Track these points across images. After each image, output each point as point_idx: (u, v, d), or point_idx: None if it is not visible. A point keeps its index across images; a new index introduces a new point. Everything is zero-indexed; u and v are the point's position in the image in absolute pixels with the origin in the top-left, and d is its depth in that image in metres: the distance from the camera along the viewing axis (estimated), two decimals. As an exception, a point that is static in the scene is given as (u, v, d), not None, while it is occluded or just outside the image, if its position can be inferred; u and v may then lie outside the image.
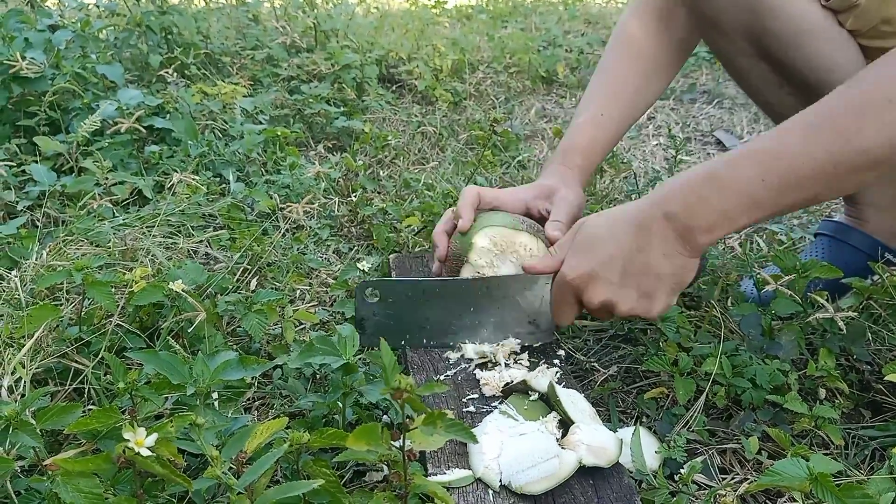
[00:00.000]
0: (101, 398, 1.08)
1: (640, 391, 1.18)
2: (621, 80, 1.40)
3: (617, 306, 1.02)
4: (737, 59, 1.34)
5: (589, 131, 1.36)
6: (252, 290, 1.39)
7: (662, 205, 0.97)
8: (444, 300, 1.15)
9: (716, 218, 0.94)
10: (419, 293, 1.15)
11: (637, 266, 0.99)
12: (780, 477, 0.78)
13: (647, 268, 0.99)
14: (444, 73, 3.00)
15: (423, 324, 1.16)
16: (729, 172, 0.93)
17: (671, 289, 1.01)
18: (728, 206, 0.93)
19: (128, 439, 0.70)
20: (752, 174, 0.91)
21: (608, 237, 1.01)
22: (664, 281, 1.00)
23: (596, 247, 1.02)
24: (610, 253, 1.00)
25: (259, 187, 1.85)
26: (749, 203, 0.92)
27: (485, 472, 0.87)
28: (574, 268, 1.03)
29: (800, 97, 1.31)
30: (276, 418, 0.81)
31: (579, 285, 1.03)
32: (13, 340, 1.12)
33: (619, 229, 1.00)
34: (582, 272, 1.02)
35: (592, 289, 1.02)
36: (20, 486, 0.84)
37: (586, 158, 1.35)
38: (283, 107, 2.57)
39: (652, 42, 1.39)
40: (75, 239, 1.47)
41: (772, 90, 1.35)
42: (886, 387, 1.12)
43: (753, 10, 1.24)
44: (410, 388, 0.71)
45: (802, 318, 1.18)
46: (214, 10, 3.55)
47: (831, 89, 1.24)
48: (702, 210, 0.94)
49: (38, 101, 2.06)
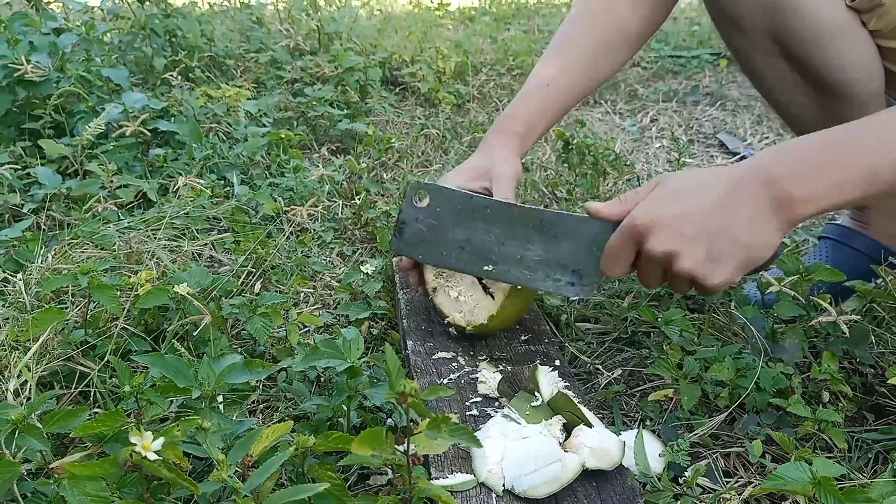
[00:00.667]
0: (107, 401, 1.08)
1: (644, 394, 1.18)
2: (574, 51, 1.35)
3: (679, 259, 0.92)
4: (754, 56, 1.32)
5: (534, 100, 1.32)
6: (256, 294, 1.39)
7: (766, 168, 0.90)
8: (492, 223, 1.09)
9: (825, 188, 0.87)
10: (469, 209, 1.10)
11: (716, 224, 0.90)
12: (784, 481, 0.78)
13: (725, 229, 0.90)
14: (447, 75, 3.01)
15: (464, 244, 1.11)
16: (853, 142, 0.88)
17: (742, 262, 0.92)
18: (844, 177, 0.87)
19: (135, 443, 0.71)
20: (878, 147, 0.86)
21: (694, 190, 0.93)
22: (738, 249, 0.91)
23: (679, 197, 0.94)
24: (693, 205, 0.92)
25: (263, 190, 1.86)
26: (868, 175, 0.86)
27: (488, 476, 0.87)
28: (647, 212, 0.94)
29: (814, 98, 1.30)
30: (280, 421, 0.82)
31: (646, 231, 0.94)
32: (19, 344, 1.13)
33: (709, 184, 0.93)
34: (654, 217, 0.93)
35: (659, 236, 0.93)
36: (27, 490, 0.84)
37: (528, 128, 1.30)
38: (287, 109, 2.58)
39: (612, 16, 1.34)
40: (80, 242, 1.48)
41: (787, 90, 1.33)
42: (890, 390, 1.12)
43: (777, 8, 1.22)
44: (415, 392, 0.72)
45: (806, 321, 1.18)
46: (218, 13, 3.56)
47: (847, 90, 1.24)
48: (813, 179, 0.88)
49: (43, 104, 2.06)
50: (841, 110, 1.28)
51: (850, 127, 0.91)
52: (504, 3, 4.75)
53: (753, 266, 0.94)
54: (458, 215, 1.11)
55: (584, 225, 1.04)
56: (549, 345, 1.22)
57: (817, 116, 1.33)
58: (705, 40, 3.90)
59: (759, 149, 2.58)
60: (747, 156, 2.45)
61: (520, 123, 1.30)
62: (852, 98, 1.26)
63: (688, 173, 0.97)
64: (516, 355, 1.18)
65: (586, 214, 1.03)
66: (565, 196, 2.02)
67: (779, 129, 2.79)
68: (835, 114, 1.29)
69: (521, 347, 1.21)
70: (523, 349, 1.20)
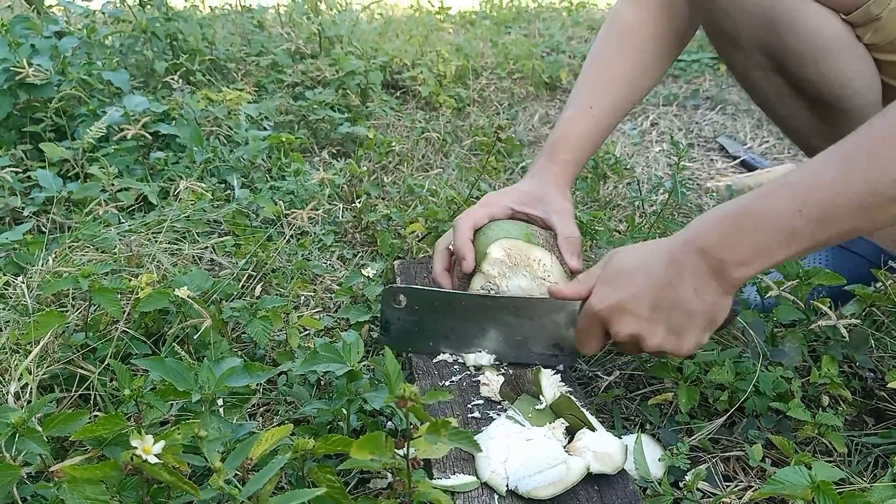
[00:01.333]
0: (107, 404, 1.09)
1: (644, 398, 1.18)
2: (613, 71, 1.35)
3: (645, 341, 0.99)
4: (752, 72, 1.32)
5: (578, 125, 1.32)
6: (257, 297, 1.39)
7: (696, 240, 0.95)
8: (470, 313, 1.15)
9: (751, 252, 0.92)
10: (445, 304, 1.15)
11: (667, 301, 0.97)
12: (783, 485, 0.78)
13: (677, 303, 0.96)
14: (447, 79, 3.01)
15: (448, 333, 1.17)
16: (765, 204, 0.91)
17: (702, 327, 0.98)
18: (765, 240, 0.91)
19: (135, 446, 0.71)
20: (789, 206, 0.89)
21: (639, 270, 0.99)
22: (695, 318, 0.97)
23: (626, 279, 1.00)
24: (640, 285, 0.98)
25: (264, 193, 1.86)
26: (786, 236, 0.90)
27: (491, 476, 0.87)
28: (602, 299, 1.01)
29: (814, 111, 1.31)
30: (280, 425, 0.82)
31: (607, 317, 1.01)
32: (20, 347, 1.13)
33: (650, 262, 0.98)
34: (610, 304, 1.00)
35: (620, 321, 1.00)
36: (27, 493, 0.84)
37: (574, 153, 1.32)
38: (288, 113, 2.58)
39: (648, 31, 1.35)
40: (81, 245, 1.48)
41: (786, 103, 1.34)
42: (890, 394, 1.12)
43: (772, 26, 1.23)
44: (414, 396, 0.72)
45: (805, 325, 1.18)
46: (220, 16, 3.56)
47: (845, 104, 1.24)
48: (737, 243, 0.92)
49: (45, 107, 2.07)
50: (839, 123, 1.29)
51: (766, 189, 0.94)
52: (504, 7, 4.75)
53: (715, 327, 1.00)
54: (438, 310, 1.16)
55: (554, 305, 1.12)
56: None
57: (817, 129, 1.34)
58: (705, 45, 3.90)
59: (759, 153, 2.59)
60: (748, 160, 2.45)
61: (568, 150, 1.32)
62: (850, 112, 1.27)
63: (631, 250, 1.03)
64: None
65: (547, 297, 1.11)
66: (565, 200, 2.02)
67: (778, 133, 2.79)
68: (833, 125, 1.29)
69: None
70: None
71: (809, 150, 1.42)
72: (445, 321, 1.16)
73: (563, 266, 1.18)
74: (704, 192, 2.18)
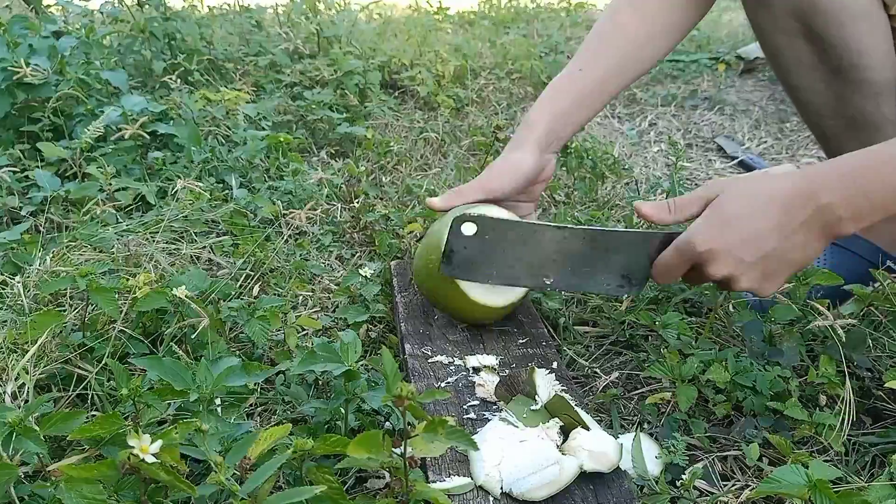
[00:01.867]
0: (105, 404, 1.09)
1: (642, 397, 1.19)
2: (610, 37, 1.34)
3: (737, 282, 1.01)
4: (776, 36, 1.32)
5: (562, 86, 1.32)
6: (255, 297, 1.39)
7: (818, 195, 0.96)
8: (540, 244, 1.12)
9: (871, 210, 0.94)
10: (517, 234, 1.12)
11: (771, 248, 0.98)
12: (780, 484, 0.78)
13: (780, 252, 0.98)
14: (446, 79, 3.01)
15: (514, 263, 1.13)
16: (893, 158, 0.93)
17: (792, 272, 1.02)
18: (889, 201, 0.93)
19: (132, 446, 0.71)
20: None
21: (752, 217, 0.98)
22: (792, 267, 1.01)
23: (737, 223, 0.99)
24: (751, 233, 0.98)
25: (262, 193, 1.86)
26: None
27: (486, 479, 0.87)
28: (708, 240, 1.00)
29: (829, 83, 1.31)
30: (278, 424, 0.82)
31: (708, 258, 1.00)
32: (17, 346, 1.13)
33: (765, 211, 0.98)
34: (716, 246, 0.99)
35: (719, 263, 1.00)
36: (24, 493, 0.84)
37: (552, 112, 1.29)
38: (286, 113, 2.58)
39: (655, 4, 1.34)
40: (79, 245, 1.48)
41: (802, 72, 1.34)
42: (887, 394, 1.12)
43: None
44: (411, 395, 0.72)
45: (803, 324, 1.18)
46: (218, 16, 3.56)
47: (861, 74, 1.26)
48: (859, 203, 0.94)
49: (42, 106, 2.06)
50: (852, 98, 1.30)
51: (889, 146, 0.96)
52: (503, 7, 4.75)
53: (800, 272, 1.06)
54: (506, 240, 1.13)
55: (629, 235, 1.10)
56: (547, 348, 1.22)
57: (829, 104, 1.34)
58: (704, 45, 3.91)
59: (757, 153, 2.59)
60: (745, 160, 2.45)
61: (543, 112, 1.29)
62: (865, 85, 1.28)
63: (741, 193, 1.01)
64: (514, 358, 1.18)
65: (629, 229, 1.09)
66: (564, 199, 2.02)
67: (776, 133, 2.80)
68: (846, 102, 1.31)
69: (518, 350, 1.21)
70: (521, 352, 1.20)
71: (816, 128, 1.43)
72: (513, 251, 1.12)
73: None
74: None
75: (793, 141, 2.71)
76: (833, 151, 1.39)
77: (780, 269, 1.01)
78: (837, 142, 1.37)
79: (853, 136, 1.33)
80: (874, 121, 1.30)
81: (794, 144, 2.68)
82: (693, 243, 1.01)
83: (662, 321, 1.20)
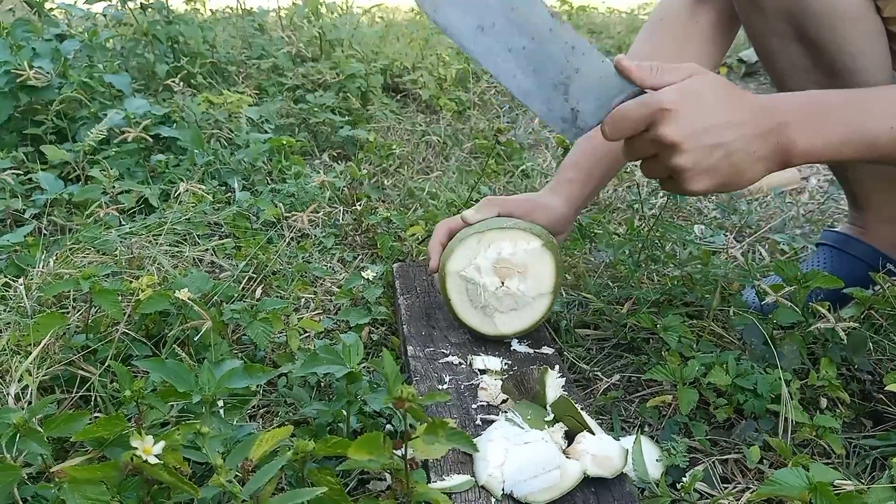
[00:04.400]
0: (108, 406, 1.09)
1: (643, 400, 1.19)
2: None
3: (678, 154, 0.97)
4: (770, 39, 1.32)
5: (588, 144, 1.34)
6: (257, 299, 1.40)
7: (779, 112, 0.97)
8: (524, 22, 1.02)
9: (823, 144, 0.95)
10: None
11: (727, 143, 0.96)
12: (780, 486, 0.79)
13: (732, 152, 0.96)
14: (448, 82, 3.02)
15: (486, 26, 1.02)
16: (862, 108, 0.95)
17: (724, 183, 0.99)
18: (842, 139, 0.94)
19: (135, 447, 0.71)
20: (881, 118, 0.93)
21: (724, 101, 0.97)
22: (729, 173, 0.98)
23: (707, 101, 0.97)
24: (717, 116, 0.96)
25: (264, 196, 1.87)
26: (868, 145, 0.93)
27: (488, 479, 0.88)
28: (676, 101, 0.96)
29: (824, 86, 1.31)
30: (281, 426, 0.82)
31: (669, 117, 0.96)
32: (20, 348, 1.13)
33: (737, 105, 0.98)
34: (681, 109, 0.96)
35: (674, 127, 0.96)
36: (27, 494, 0.85)
37: (581, 172, 1.34)
38: (289, 116, 2.59)
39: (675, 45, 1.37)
40: (82, 247, 1.49)
41: (798, 76, 1.33)
42: (888, 396, 1.12)
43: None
44: (412, 397, 0.72)
45: (804, 327, 1.18)
46: (221, 19, 3.57)
47: (856, 78, 1.26)
48: (818, 134, 0.95)
49: (46, 109, 2.07)
50: None
51: (862, 93, 0.98)
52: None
53: (725, 191, 1.01)
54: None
55: (605, 74, 1.02)
56: (548, 350, 1.22)
57: None
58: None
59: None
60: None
61: (574, 169, 1.34)
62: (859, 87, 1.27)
63: (723, 83, 1.00)
64: (516, 361, 1.18)
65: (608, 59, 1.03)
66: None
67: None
68: None
69: (520, 353, 1.21)
70: (522, 355, 1.21)
71: None
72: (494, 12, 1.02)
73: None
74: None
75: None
76: None
77: (721, 171, 0.97)
78: None
79: None
80: None
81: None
82: (661, 98, 0.97)
83: (663, 324, 1.20)
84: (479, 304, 1.21)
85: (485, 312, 1.21)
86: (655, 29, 1.41)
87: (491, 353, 1.20)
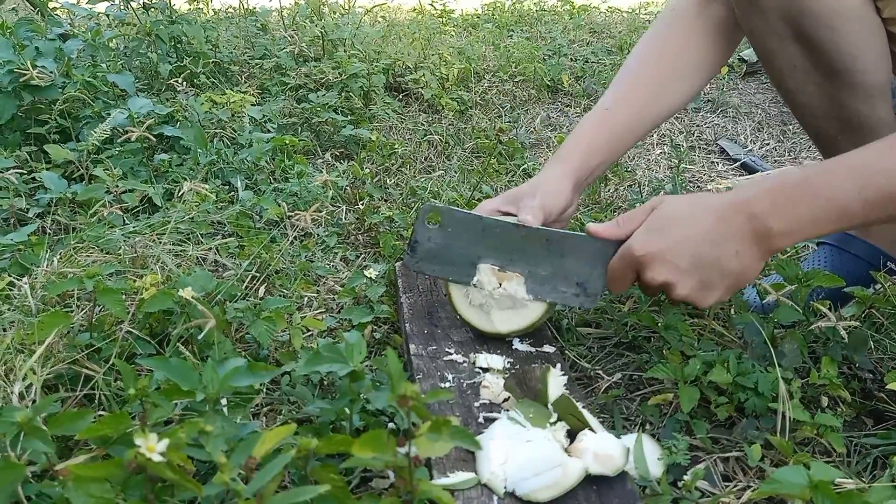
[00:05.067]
0: (112, 404, 1.09)
1: (644, 398, 1.19)
2: (641, 76, 1.37)
3: (675, 289, 1.04)
4: (769, 39, 1.32)
5: (590, 126, 1.34)
6: (260, 298, 1.40)
7: (748, 204, 0.99)
8: (500, 242, 1.17)
9: (800, 223, 0.97)
10: (479, 229, 1.17)
11: (708, 258, 1.01)
12: (781, 484, 0.79)
13: (715, 261, 1.01)
14: (450, 81, 3.02)
15: (475, 260, 1.18)
16: (825, 180, 0.96)
17: (730, 286, 1.04)
18: (816, 214, 0.95)
19: (139, 445, 0.71)
20: (849, 186, 0.94)
21: (686, 222, 1.02)
22: (727, 278, 1.03)
23: (672, 228, 1.03)
24: (685, 238, 1.02)
25: (267, 195, 1.87)
26: (839, 214, 0.95)
27: (490, 477, 0.88)
28: (645, 244, 1.04)
29: (823, 86, 1.31)
30: (284, 424, 0.82)
31: (645, 262, 1.04)
32: (24, 347, 1.14)
33: (699, 217, 1.02)
34: (652, 250, 1.03)
35: (657, 268, 1.03)
36: (31, 492, 0.85)
37: (579, 152, 1.32)
38: (291, 115, 2.59)
39: (681, 39, 1.37)
40: (86, 246, 1.49)
41: (797, 76, 1.34)
42: (888, 395, 1.12)
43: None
44: (416, 395, 0.73)
45: (805, 326, 1.18)
46: (223, 19, 3.57)
47: (855, 78, 1.26)
48: (788, 214, 0.97)
49: (49, 109, 2.08)
50: (847, 100, 1.30)
51: (825, 165, 1.00)
52: (507, 10, 4.76)
53: (740, 288, 1.07)
54: (469, 235, 1.17)
55: (586, 244, 1.13)
56: (550, 348, 1.23)
57: (824, 106, 1.34)
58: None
59: (759, 156, 2.59)
60: (748, 162, 2.46)
61: (571, 149, 1.33)
62: (858, 88, 1.28)
63: (680, 202, 1.06)
64: (518, 359, 1.19)
65: (583, 233, 1.13)
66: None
67: (779, 136, 2.80)
68: (841, 104, 1.30)
69: (521, 352, 1.22)
70: (524, 353, 1.21)
71: (812, 130, 1.43)
72: (474, 247, 1.17)
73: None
74: (706, 195, 2.19)
75: (795, 143, 2.72)
76: (829, 153, 1.39)
77: (717, 280, 1.03)
78: (834, 144, 1.37)
79: (849, 138, 1.33)
80: (869, 123, 1.30)
81: (797, 147, 2.69)
82: (632, 248, 1.05)
83: (665, 323, 1.21)
84: (477, 302, 1.22)
85: (482, 310, 1.22)
86: (663, 23, 1.41)
87: (493, 351, 1.21)
